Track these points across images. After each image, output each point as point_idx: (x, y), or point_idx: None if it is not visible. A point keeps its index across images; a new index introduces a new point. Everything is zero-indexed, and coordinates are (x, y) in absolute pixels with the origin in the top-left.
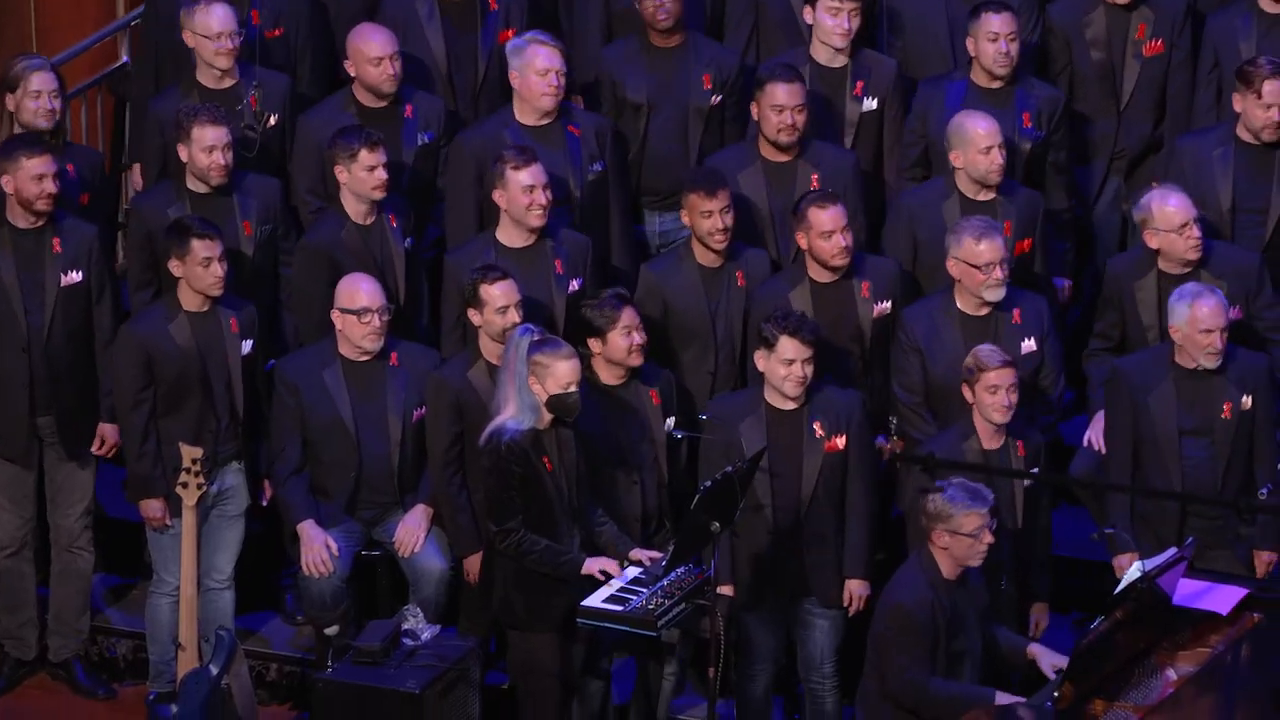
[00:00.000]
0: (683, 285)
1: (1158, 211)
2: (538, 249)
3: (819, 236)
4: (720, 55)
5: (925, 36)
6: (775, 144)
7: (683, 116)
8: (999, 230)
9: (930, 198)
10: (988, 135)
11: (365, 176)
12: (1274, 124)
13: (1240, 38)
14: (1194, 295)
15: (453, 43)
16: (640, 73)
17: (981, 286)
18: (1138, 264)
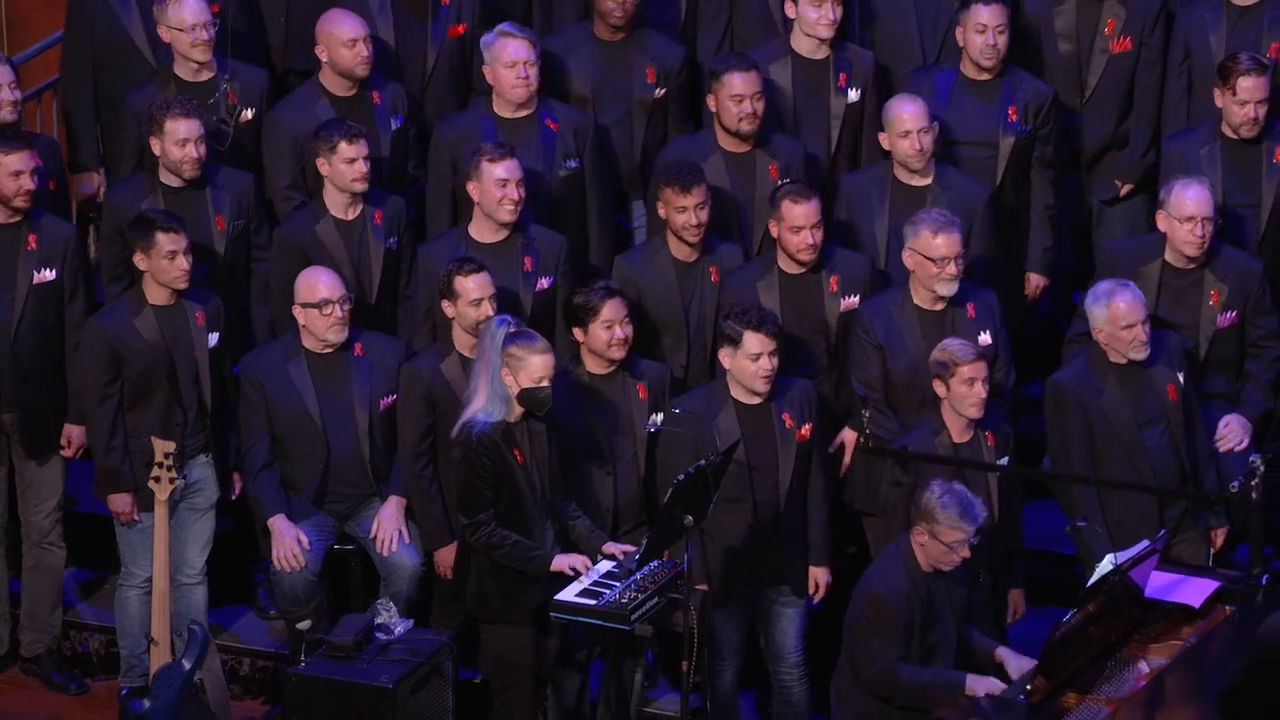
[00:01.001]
0: (656, 278)
1: (1175, 197)
2: (508, 244)
3: (789, 230)
4: (665, 48)
5: (895, 27)
6: (736, 134)
7: (627, 109)
8: (957, 225)
9: (865, 182)
10: (911, 118)
11: (345, 169)
12: (1250, 121)
13: (1210, 30)
14: (1108, 294)
15: (403, 33)
16: (585, 64)
17: (935, 280)
18: (1144, 248)
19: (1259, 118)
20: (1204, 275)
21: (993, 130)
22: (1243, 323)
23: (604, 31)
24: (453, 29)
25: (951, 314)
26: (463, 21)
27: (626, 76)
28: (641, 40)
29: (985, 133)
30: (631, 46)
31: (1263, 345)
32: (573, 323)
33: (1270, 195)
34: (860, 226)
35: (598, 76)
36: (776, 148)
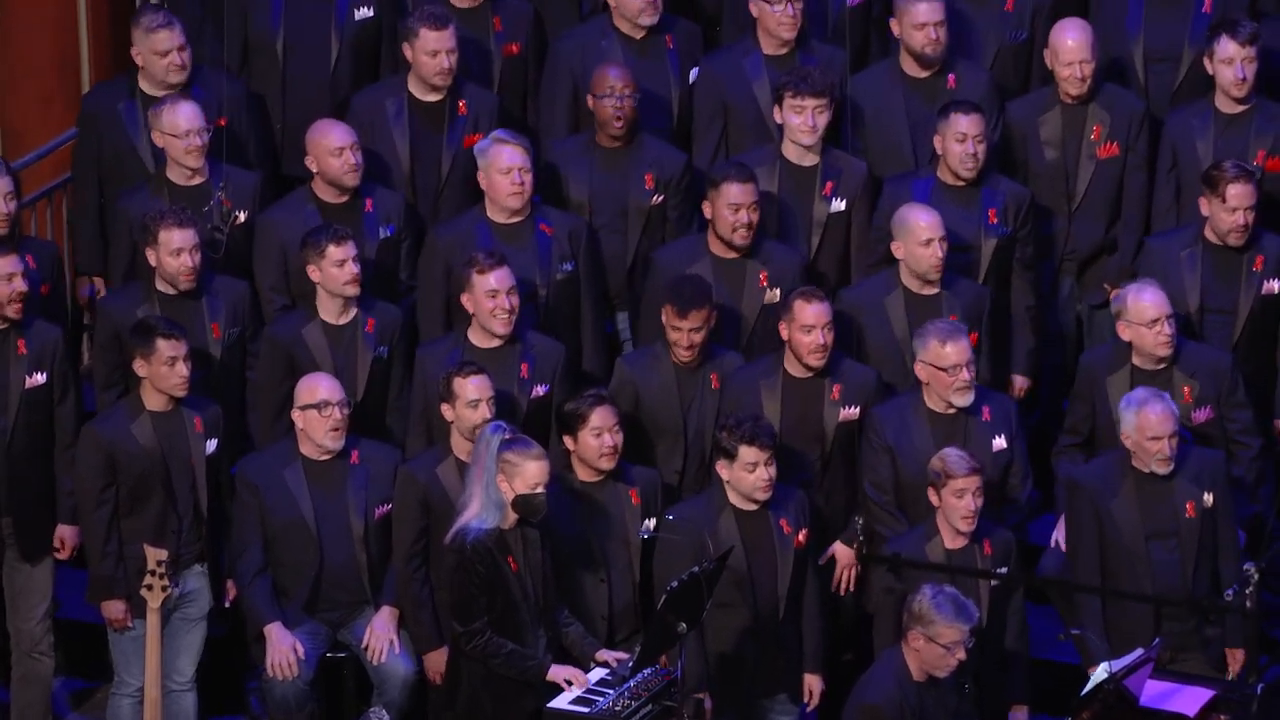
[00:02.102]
0: (656, 382)
1: (1132, 304)
2: (506, 351)
3: (800, 330)
4: (664, 155)
5: (886, 134)
6: (729, 243)
7: (623, 215)
8: (964, 332)
9: (874, 295)
10: (929, 228)
11: (335, 272)
12: (1239, 228)
13: (1198, 137)
14: (1140, 402)
15: (418, 142)
16: (584, 170)
17: (949, 390)
18: (1111, 358)
19: (1248, 224)
20: (1173, 374)
21: (974, 234)
22: (1219, 418)
23: (604, 139)
24: (468, 138)
25: (965, 419)
26: (479, 131)
27: (624, 183)
28: (641, 147)
29: (967, 237)
30: (631, 153)
31: (1241, 442)
32: (563, 430)
33: (1248, 303)
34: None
35: (595, 182)
36: (768, 255)
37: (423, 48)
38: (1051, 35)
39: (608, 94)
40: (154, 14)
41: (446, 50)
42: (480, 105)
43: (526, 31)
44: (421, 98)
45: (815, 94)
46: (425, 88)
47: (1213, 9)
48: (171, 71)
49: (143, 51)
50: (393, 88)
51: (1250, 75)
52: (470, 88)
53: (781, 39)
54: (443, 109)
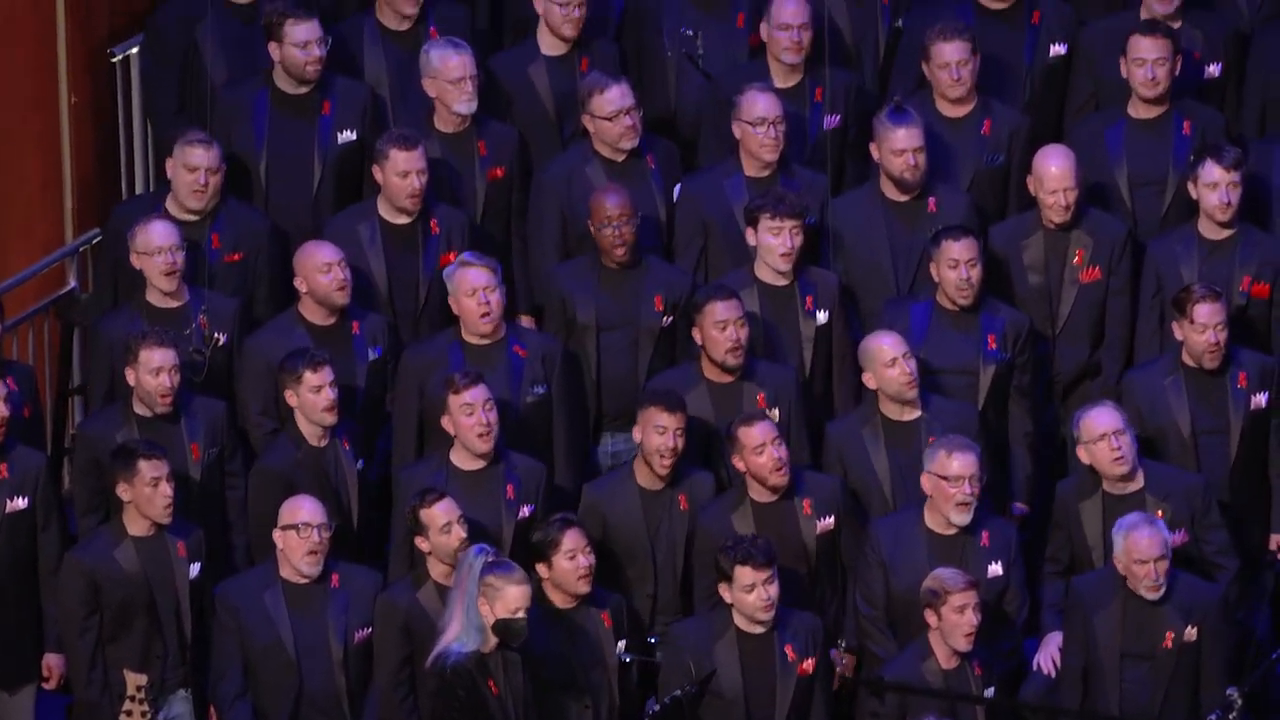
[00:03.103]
0: (623, 507)
1: (1083, 424)
2: (490, 473)
3: (752, 453)
4: (672, 277)
5: (867, 258)
6: (722, 365)
7: (634, 337)
8: (974, 450)
9: (852, 426)
10: (890, 348)
11: (313, 398)
12: (1212, 346)
13: (1182, 263)
14: (1130, 527)
15: (394, 265)
16: (591, 293)
17: (950, 502)
18: (1082, 485)
19: (1220, 343)
20: (1145, 498)
21: (972, 359)
22: (1195, 541)
23: (609, 262)
24: (444, 257)
25: (964, 541)
26: (453, 249)
27: (634, 305)
28: (648, 269)
29: (965, 362)
30: (638, 275)
31: (1218, 563)
32: (535, 559)
33: (1239, 421)
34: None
35: (604, 304)
36: (763, 376)
37: (393, 169)
38: (1035, 162)
39: (605, 223)
40: (197, 130)
41: (416, 171)
42: (451, 223)
43: (511, 155)
44: (393, 220)
45: (792, 215)
46: (396, 210)
47: (1192, 133)
48: (194, 193)
49: (175, 166)
50: (365, 212)
51: (1234, 200)
52: (440, 207)
53: (763, 161)
54: (415, 230)
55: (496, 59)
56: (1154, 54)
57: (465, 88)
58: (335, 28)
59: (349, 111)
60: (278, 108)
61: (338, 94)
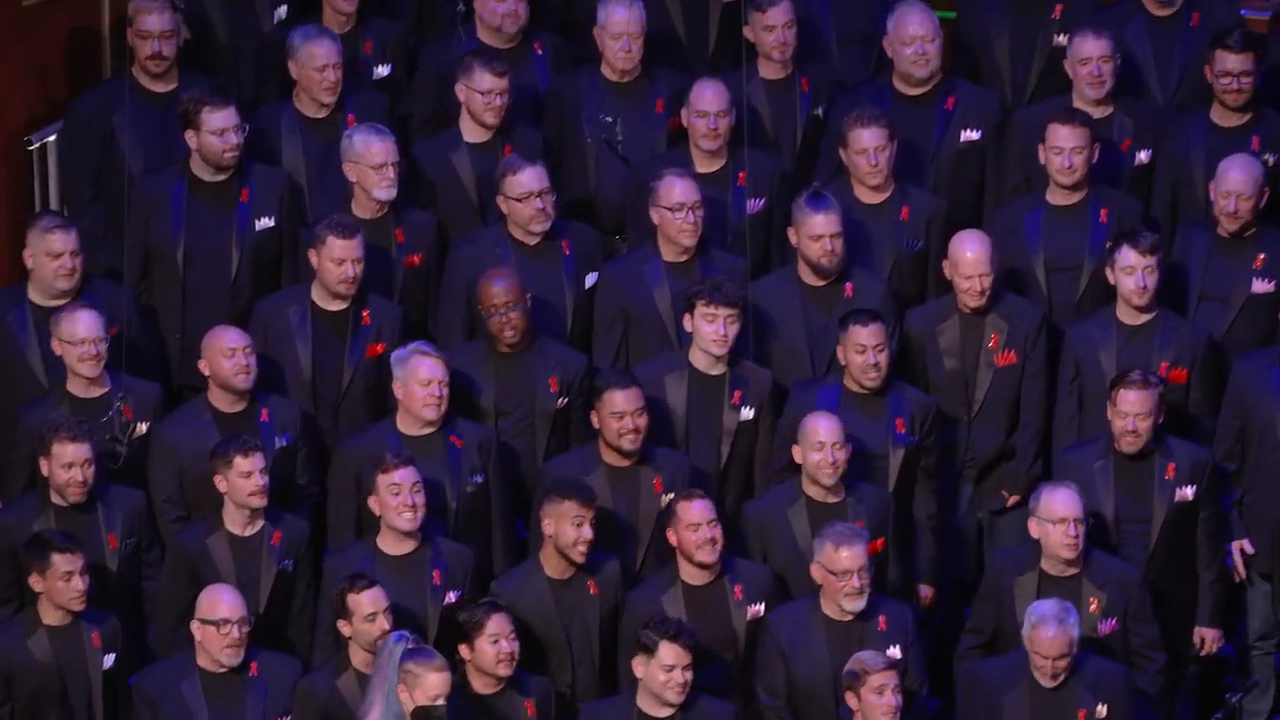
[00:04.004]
0: (532, 599)
1: (1045, 500)
2: (416, 557)
3: (687, 529)
4: (566, 358)
5: (785, 342)
6: (619, 450)
7: (530, 421)
8: (863, 538)
9: (777, 506)
10: (826, 432)
11: (242, 483)
12: (1130, 434)
13: (1100, 348)
14: (1040, 619)
15: (320, 351)
16: (486, 377)
17: (840, 595)
18: (1021, 560)
19: (1139, 431)
20: (1082, 583)
21: (882, 442)
22: (1124, 631)
23: (502, 345)
24: (371, 348)
25: (861, 627)
26: (381, 341)
27: (529, 388)
28: (542, 350)
29: (875, 445)
30: (532, 358)
31: (1145, 654)
32: (458, 639)
33: (1162, 511)
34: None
35: (500, 389)
36: (661, 462)
37: (329, 255)
38: (951, 247)
39: (492, 310)
40: (50, 217)
41: (353, 259)
42: (383, 315)
43: (428, 243)
44: (325, 306)
45: (728, 304)
46: (329, 296)
47: (1109, 219)
48: (60, 277)
49: (35, 254)
50: (296, 295)
51: (1151, 284)
52: (374, 298)
53: (682, 246)
54: (346, 318)
55: (419, 146)
56: (1071, 142)
57: (386, 174)
58: (253, 116)
59: (267, 198)
60: (195, 195)
61: (255, 181)
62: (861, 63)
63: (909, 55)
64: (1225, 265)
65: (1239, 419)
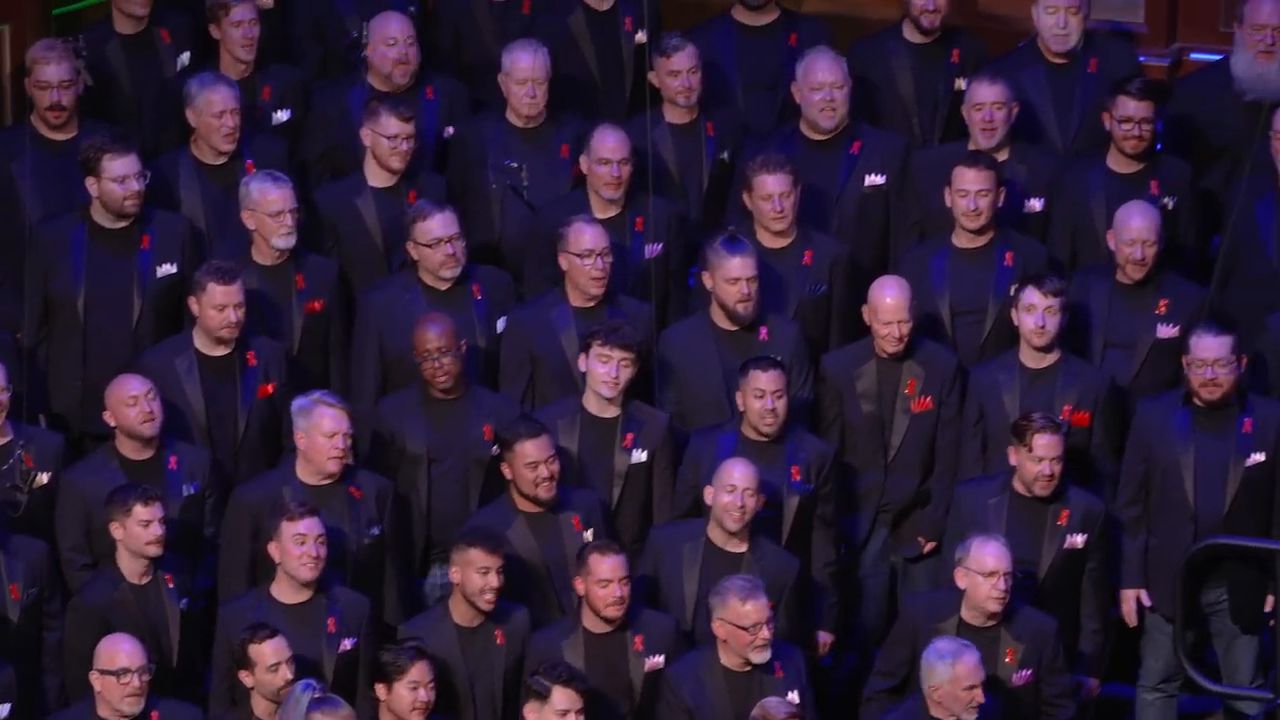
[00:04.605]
0: (439, 645)
1: (975, 552)
2: (312, 605)
3: (596, 584)
4: (500, 406)
5: (699, 388)
6: (534, 499)
7: (465, 468)
8: (762, 588)
9: (677, 536)
10: (741, 478)
11: (140, 532)
12: (1045, 477)
13: (1004, 390)
14: (954, 653)
15: (211, 398)
16: (420, 425)
17: (748, 648)
18: (939, 606)
19: (1054, 475)
20: (1000, 633)
21: (776, 490)
22: (1038, 681)
23: (436, 392)
24: (262, 388)
25: (759, 675)
26: (271, 381)
27: (463, 436)
28: (476, 399)
29: (770, 493)
30: (465, 405)
31: (1056, 703)
32: (378, 679)
33: (1050, 556)
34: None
35: (434, 436)
36: (575, 501)
37: (210, 302)
38: (870, 293)
39: (426, 355)
40: None
41: (234, 305)
42: (269, 354)
43: (329, 288)
44: (209, 352)
45: (623, 346)
46: (212, 342)
47: (1014, 263)
48: None
49: None
50: (180, 344)
51: (1051, 326)
52: (257, 339)
53: (590, 293)
54: (233, 362)
55: (322, 191)
56: (977, 185)
57: (285, 221)
58: (153, 164)
59: (168, 245)
60: (96, 242)
61: (157, 227)
62: (767, 108)
63: (817, 102)
64: (1128, 311)
65: (1143, 463)
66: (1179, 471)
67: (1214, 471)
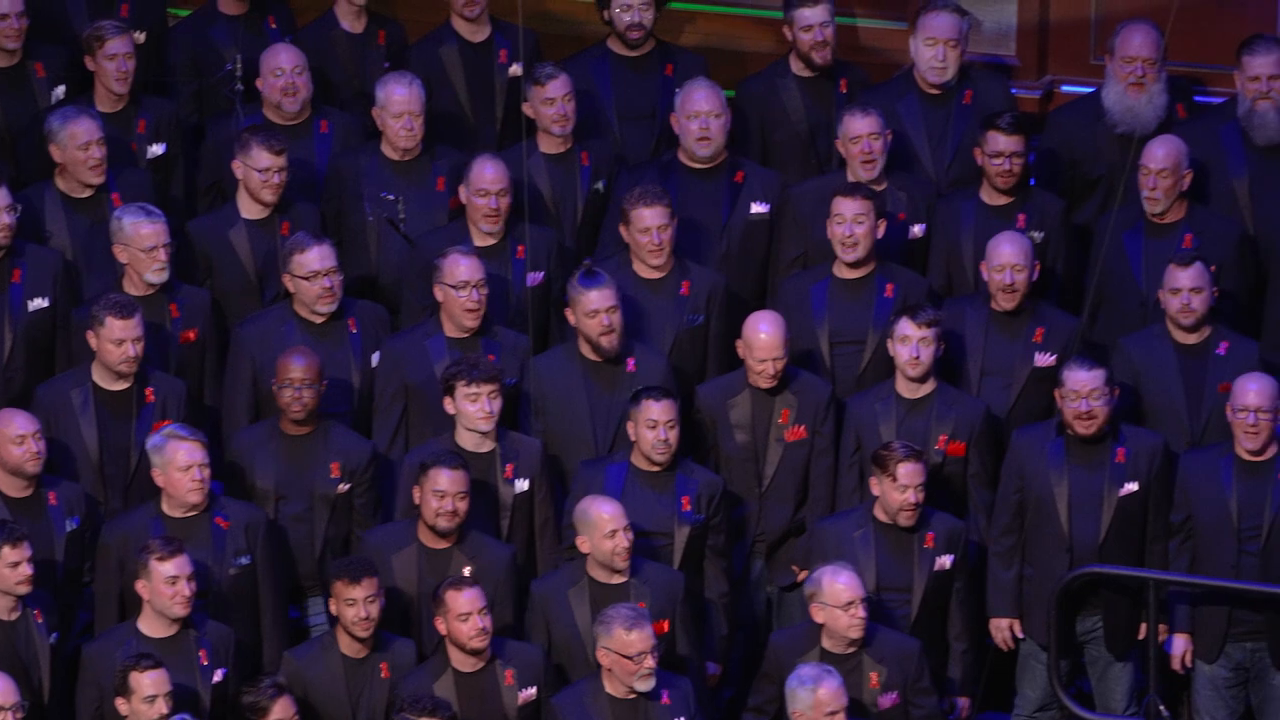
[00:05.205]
0: (324, 674)
1: (827, 586)
2: (181, 639)
3: (456, 619)
4: (350, 444)
5: (567, 418)
6: (434, 530)
7: (310, 504)
8: (647, 618)
9: (559, 586)
10: (612, 519)
11: (7, 573)
12: (910, 506)
13: (881, 421)
14: (815, 679)
15: (106, 432)
16: (270, 459)
17: (633, 677)
18: (801, 640)
19: (918, 503)
20: (862, 659)
21: (667, 520)
22: (904, 703)
23: (288, 426)
24: (157, 425)
25: (645, 705)
26: (168, 417)
27: (310, 471)
28: (327, 434)
29: (660, 523)
30: (316, 441)
31: None
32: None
33: (922, 580)
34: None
35: (282, 471)
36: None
37: (108, 336)
38: (745, 327)
39: (287, 384)
40: None
41: (132, 339)
42: (167, 390)
43: (203, 318)
44: (107, 386)
45: (488, 379)
46: (110, 376)
47: (895, 294)
48: None
49: None
50: (78, 377)
51: (925, 356)
52: (156, 374)
53: (465, 324)
54: (129, 397)
55: (195, 223)
56: (852, 212)
57: (157, 256)
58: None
59: (40, 278)
60: None
61: (28, 261)
62: (644, 138)
63: (694, 130)
64: (1004, 340)
65: (1018, 492)
66: (1053, 502)
67: (1088, 502)
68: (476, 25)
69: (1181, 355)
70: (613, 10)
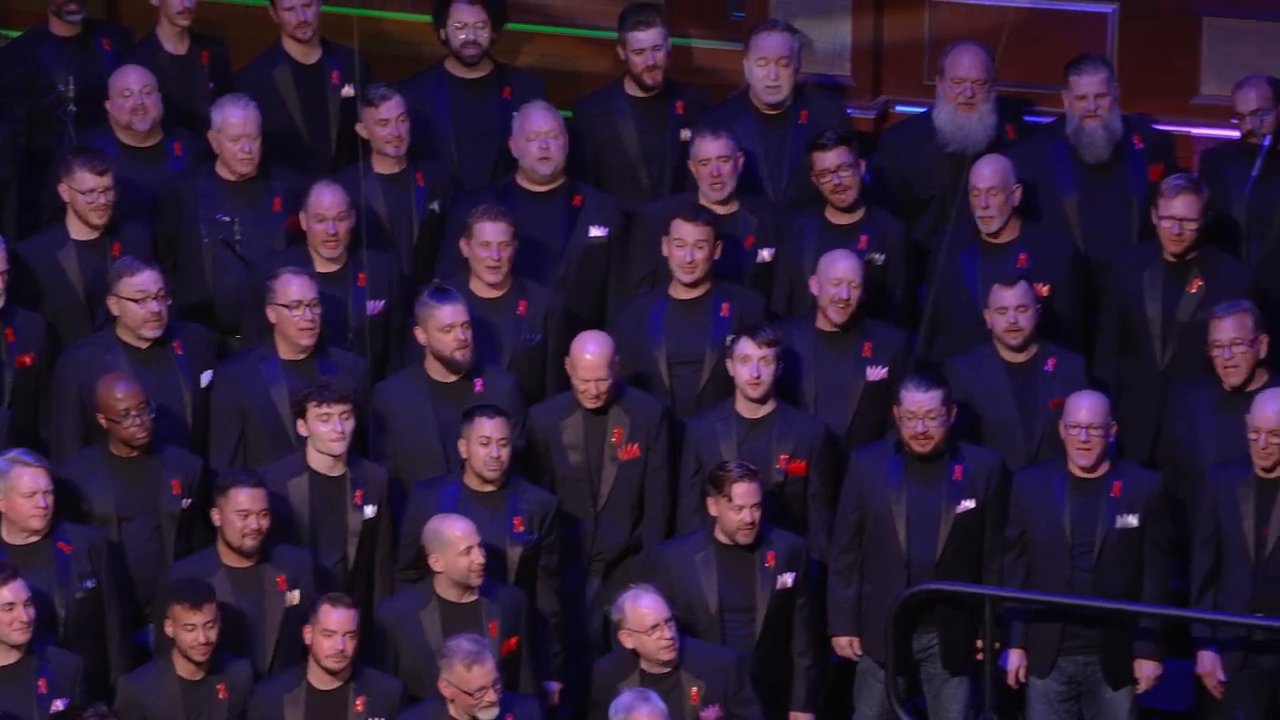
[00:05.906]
0: (162, 698)
1: (630, 612)
2: (20, 667)
3: (322, 633)
4: (185, 460)
5: (415, 440)
6: (239, 550)
7: (155, 524)
8: (490, 651)
9: (408, 608)
10: (465, 536)
11: None
12: (747, 525)
13: (721, 441)
14: (628, 709)
15: None
16: (106, 483)
17: (475, 709)
18: (621, 665)
19: (755, 522)
20: (680, 676)
21: (499, 539)
22: (728, 715)
23: (120, 450)
24: None
25: None
26: None
27: (153, 494)
28: (161, 454)
29: (493, 544)
30: (153, 461)
31: None
32: None
33: (765, 599)
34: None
35: (120, 492)
36: (283, 559)
37: None
38: (572, 347)
39: (121, 416)
40: None
41: None
42: None
43: (39, 342)
44: None
45: (340, 400)
46: None
47: (731, 314)
48: None
49: None
50: None
51: (766, 375)
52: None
53: (300, 344)
54: None
55: (25, 244)
56: (694, 237)
57: None
58: None
59: None
60: None
61: None
62: (482, 160)
63: (534, 151)
64: (833, 358)
65: (857, 511)
66: (891, 520)
67: (926, 519)
68: (308, 47)
69: (1011, 374)
70: (449, 29)
